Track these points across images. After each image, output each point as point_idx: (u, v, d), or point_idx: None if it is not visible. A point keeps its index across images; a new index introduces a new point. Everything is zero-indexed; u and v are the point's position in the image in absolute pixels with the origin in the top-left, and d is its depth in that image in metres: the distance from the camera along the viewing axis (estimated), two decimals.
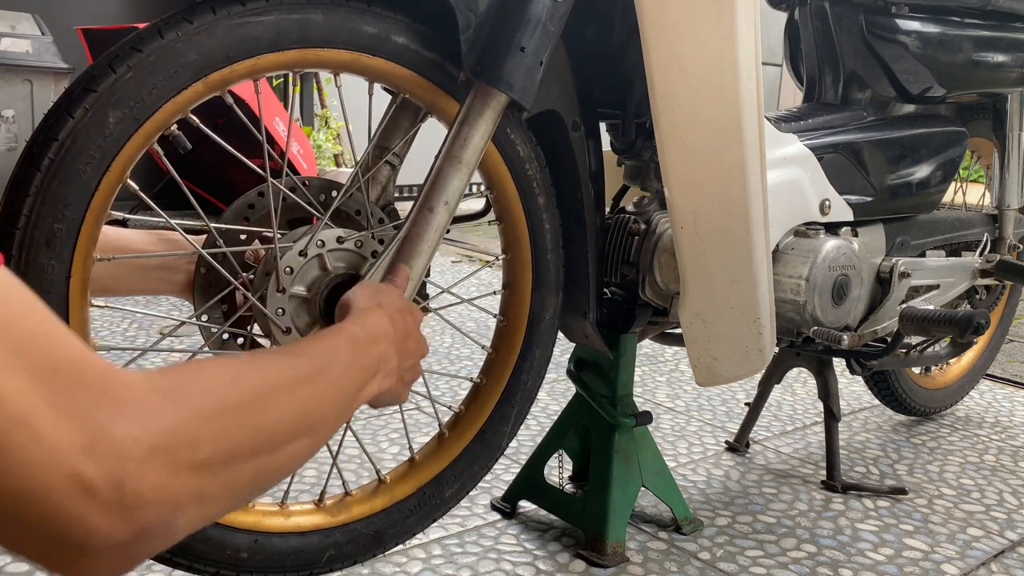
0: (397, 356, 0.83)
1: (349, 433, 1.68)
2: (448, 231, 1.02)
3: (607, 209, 1.28)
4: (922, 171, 1.54)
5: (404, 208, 1.04)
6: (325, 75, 3.26)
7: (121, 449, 0.45)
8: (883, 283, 1.49)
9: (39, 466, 0.42)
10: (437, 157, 1.00)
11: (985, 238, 1.79)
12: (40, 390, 0.43)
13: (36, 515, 0.43)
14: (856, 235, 1.44)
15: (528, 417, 1.38)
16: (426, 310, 1.19)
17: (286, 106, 4.14)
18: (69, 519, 0.43)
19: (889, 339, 1.46)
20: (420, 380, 0.97)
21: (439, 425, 1.24)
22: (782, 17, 1.65)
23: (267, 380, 0.60)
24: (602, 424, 1.39)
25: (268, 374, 0.61)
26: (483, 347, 1.25)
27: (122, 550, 0.46)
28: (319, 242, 1.01)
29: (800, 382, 2.31)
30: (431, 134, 1.10)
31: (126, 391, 0.47)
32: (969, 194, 2.09)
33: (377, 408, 0.87)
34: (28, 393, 0.43)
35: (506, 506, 1.49)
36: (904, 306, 1.45)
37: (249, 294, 1.01)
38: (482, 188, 1.18)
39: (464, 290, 3.05)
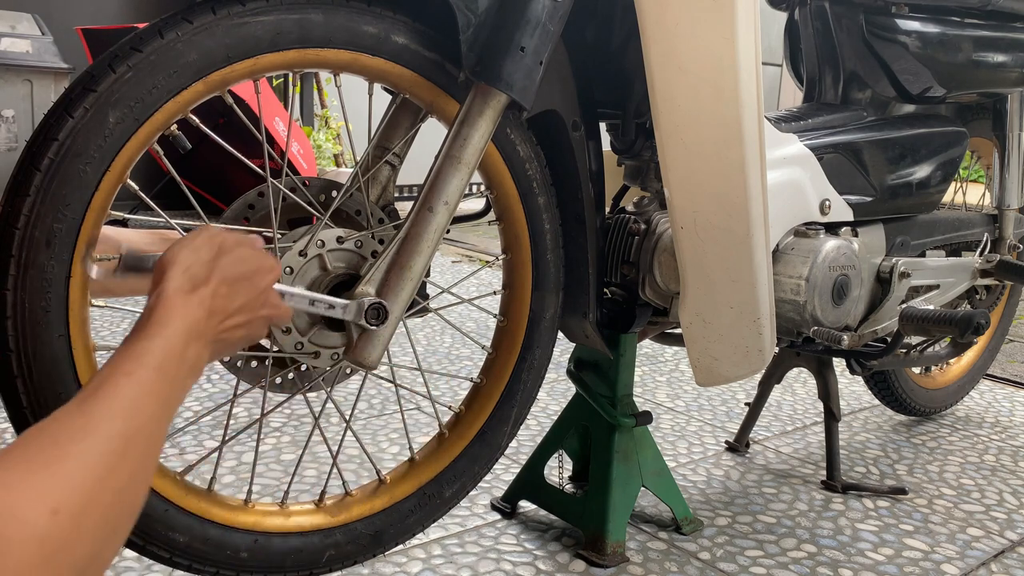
0: (213, 337, 0.75)
1: (349, 433, 1.69)
2: (448, 231, 1.02)
3: (607, 209, 1.28)
4: (922, 171, 1.54)
5: (404, 208, 1.04)
6: (325, 75, 3.26)
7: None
8: (883, 283, 1.49)
9: None
10: (437, 157, 1.00)
11: (985, 238, 1.79)
12: None
13: None
14: (856, 235, 1.44)
15: (528, 417, 1.38)
16: (426, 310, 1.19)
17: (286, 106, 4.14)
18: None
19: (889, 339, 1.46)
20: (421, 380, 0.97)
21: (439, 425, 1.24)
22: (782, 17, 1.65)
23: (98, 476, 0.59)
24: (602, 424, 1.39)
25: (96, 465, 0.59)
26: (483, 347, 1.25)
27: None
28: (319, 242, 1.01)
29: (800, 382, 2.31)
30: (431, 134, 1.10)
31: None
32: (969, 194, 2.09)
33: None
34: None
35: (506, 506, 1.49)
36: (904, 306, 1.45)
37: None
38: (482, 188, 1.18)
39: (464, 290, 3.05)
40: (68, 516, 0.55)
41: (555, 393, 2.12)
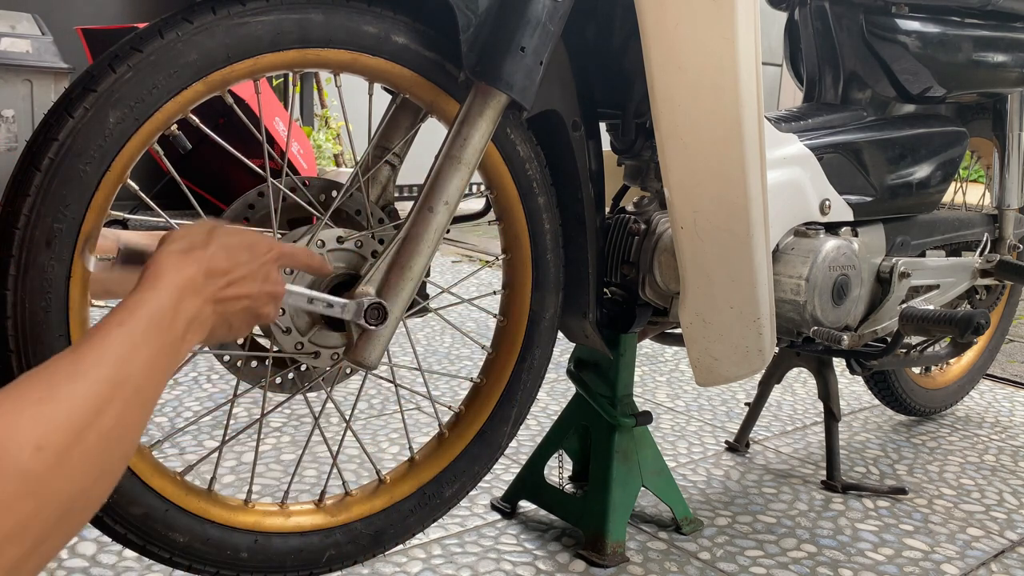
0: (214, 296, 0.76)
1: (349, 433, 1.69)
2: (448, 231, 1.02)
3: (607, 209, 1.28)
4: (922, 171, 1.54)
5: (404, 208, 1.04)
6: (325, 75, 3.26)
7: None
8: (883, 283, 1.49)
9: None
10: (437, 157, 1.00)
11: (985, 238, 1.79)
12: None
13: None
14: (856, 235, 1.44)
15: (528, 417, 1.38)
16: (426, 310, 1.19)
17: (286, 106, 4.14)
18: None
19: (889, 339, 1.46)
20: (421, 380, 0.97)
21: (439, 425, 1.24)
22: (782, 17, 1.65)
23: (79, 420, 0.60)
24: (602, 424, 1.39)
25: (81, 408, 0.60)
26: (483, 347, 1.25)
27: None
28: (319, 242, 1.01)
29: (800, 382, 2.31)
30: (431, 134, 1.10)
31: None
32: (969, 194, 2.09)
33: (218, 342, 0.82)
34: None
35: (506, 506, 1.49)
36: (904, 306, 1.45)
37: None
38: (482, 188, 1.18)
39: (464, 290, 3.05)
40: (52, 453, 0.57)
41: (555, 393, 2.12)
